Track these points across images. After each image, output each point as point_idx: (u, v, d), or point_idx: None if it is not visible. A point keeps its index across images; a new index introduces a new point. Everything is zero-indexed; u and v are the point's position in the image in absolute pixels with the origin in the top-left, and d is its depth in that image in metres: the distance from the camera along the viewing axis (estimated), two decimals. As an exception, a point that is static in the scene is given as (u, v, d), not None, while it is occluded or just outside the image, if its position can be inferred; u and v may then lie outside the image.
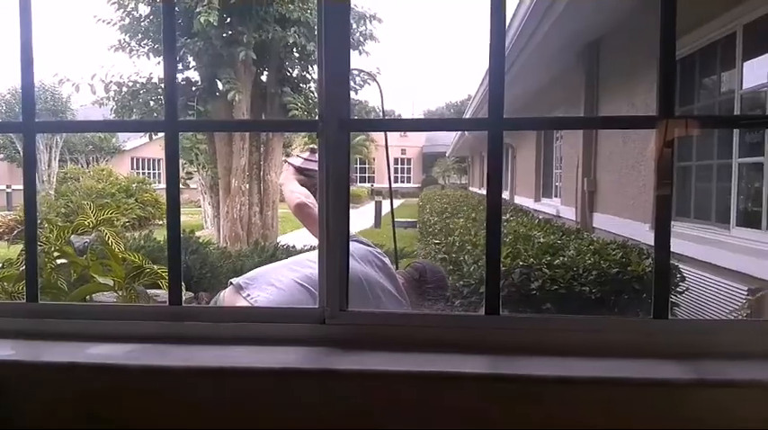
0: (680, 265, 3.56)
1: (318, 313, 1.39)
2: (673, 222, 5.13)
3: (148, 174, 26.60)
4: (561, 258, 3.39)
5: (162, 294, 2.25)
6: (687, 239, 4.56)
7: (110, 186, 16.14)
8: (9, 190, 21.26)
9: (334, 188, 1.39)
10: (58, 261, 2.11)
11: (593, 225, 6.86)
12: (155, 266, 2.13)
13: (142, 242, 4.03)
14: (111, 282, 2.11)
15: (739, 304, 3.47)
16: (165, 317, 1.40)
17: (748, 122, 2.38)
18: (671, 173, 1.39)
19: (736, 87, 4.15)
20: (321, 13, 1.39)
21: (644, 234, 5.28)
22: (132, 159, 27.12)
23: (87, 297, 2.11)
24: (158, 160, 25.66)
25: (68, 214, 14.19)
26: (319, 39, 1.41)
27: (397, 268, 3.72)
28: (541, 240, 3.82)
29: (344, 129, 1.41)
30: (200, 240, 4.12)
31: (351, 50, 1.51)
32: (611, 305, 3.26)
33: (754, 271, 3.57)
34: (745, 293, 3.48)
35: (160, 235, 5.33)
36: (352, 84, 9.47)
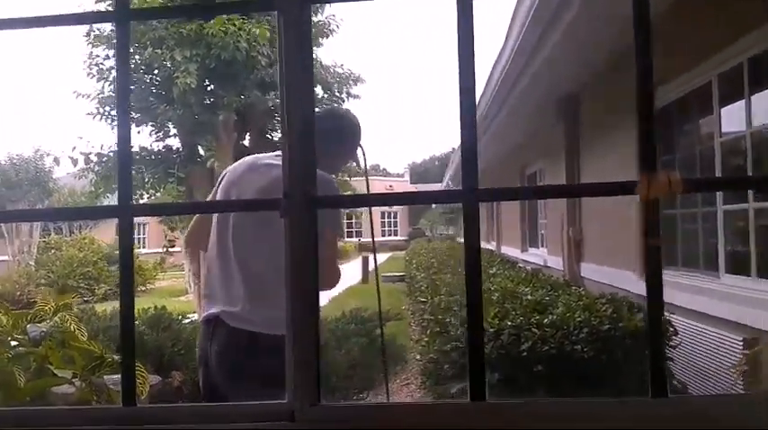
0: (673, 316, 3.47)
1: (286, 409, 1.27)
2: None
3: (134, 239, 26.30)
4: (551, 316, 3.29)
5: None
6: (676, 288, 4.49)
7: (92, 254, 15.90)
8: (-9, 261, 20.93)
9: (297, 272, 1.29)
10: (14, 351, 1.98)
11: (582, 274, 6.78)
12: (116, 357, 2.00)
13: (112, 321, 3.87)
14: (70, 374, 1.98)
15: (736, 357, 3.36)
16: (117, 420, 1.27)
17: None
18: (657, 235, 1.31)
19: (715, 135, 4.17)
20: (283, 84, 1.33)
21: (633, 283, 5.21)
22: (117, 226, 26.84)
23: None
24: (144, 224, 25.50)
25: (49, 284, 13.91)
26: (282, 112, 1.34)
27: (381, 332, 3.60)
28: (529, 297, 3.72)
29: (310, 207, 1.33)
30: (174, 315, 3.96)
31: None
32: (605, 363, 3.14)
33: (746, 319, 3.49)
34: (740, 343, 3.38)
35: (140, 304, 5.17)
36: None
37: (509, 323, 3.19)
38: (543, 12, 4.51)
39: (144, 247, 24.15)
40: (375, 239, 2.65)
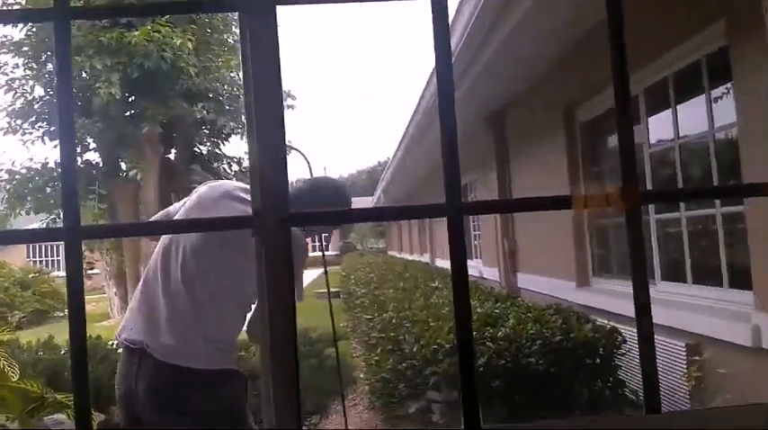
0: (617, 325, 3.52)
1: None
2: (597, 278, 5.20)
3: (47, 262, 24.69)
4: (503, 329, 3.26)
5: (68, 423, 1.88)
6: (614, 296, 4.60)
7: (2, 280, 14.74)
8: None
9: (274, 286, 1.17)
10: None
11: (519, 285, 6.88)
12: (58, 396, 1.78)
13: (41, 353, 3.50)
14: (4, 419, 1.74)
15: (681, 362, 3.46)
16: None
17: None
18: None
19: (644, 146, 4.32)
20: (249, 87, 1.21)
21: (571, 292, 5.32)
22: (29, 247, 25.12)
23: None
24: (57, 246, 23.98)
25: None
26: (249, 120, 1.21)
27: (336, 348, 3.45)
28: (479, 310, 3.69)
29: (284, 225, 1.21)
30: (108, 343, 3.63)
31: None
32: (558, 374, 3.14)
33: (686, 325, 3.59)
34: (683, 349, 3.48)
35: (60, 334, 4.77)
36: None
37: (463, 338, 3.13)
38: (477, 31, 4.57)
39: (60, 270, 22.73)
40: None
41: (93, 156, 7.72)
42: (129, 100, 7.53)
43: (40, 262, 23.64)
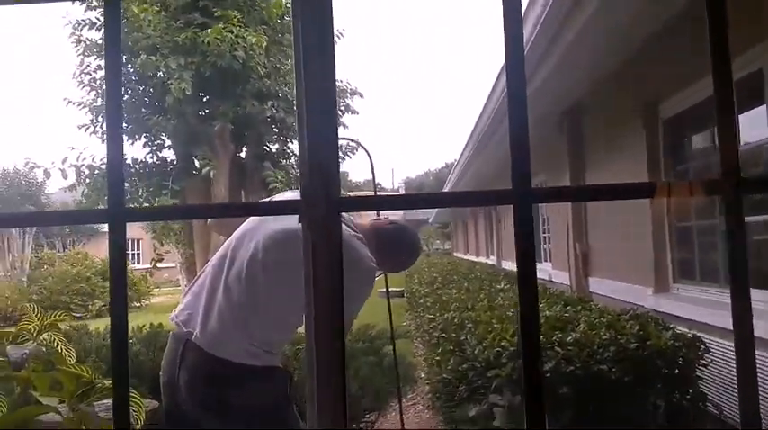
0: (700, 335, 3.26)
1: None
2: (677, 286, 4.87)
3: (128, 255, 25.94)
4: (573, 334, 3.08)
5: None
6: (695, 303, 4.29)
7: (85, 270, 15.61)
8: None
9: (323, 289, 1.09)
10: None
11: (590, 290, 6.58)
12: (106, 382, 1.78)
13: (104, 340, 3.60)
14: (56, 401, 1.75)
15: (771, 376, 3.16)
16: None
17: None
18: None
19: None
20: (299, 55, 1.14)
21: (647, 299, 5.02)
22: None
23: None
24: (139, 240, 25.16)
25: (41, 301, 13.62)
26: (298, 96, 1.14)
27: (393, 346, 3.38)
28: (547, 313, 3.51)
29: (334, 210, 1.13)
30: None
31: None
32: (632, 383, 2.93)
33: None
34: (773, 362, 3.18)
35: (135, 321, 4.92)
36: (332, 155, 9.42)
37: (529, 341, 2.97)
38: (553, 17, 4.36)
39: (138, 263, 23.84)
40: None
41: (168, 154, 7.99)
42: (202, 99, 7.71)
43: (122, 256, 24.81)
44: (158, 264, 8.72)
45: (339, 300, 1.09)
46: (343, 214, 2.00)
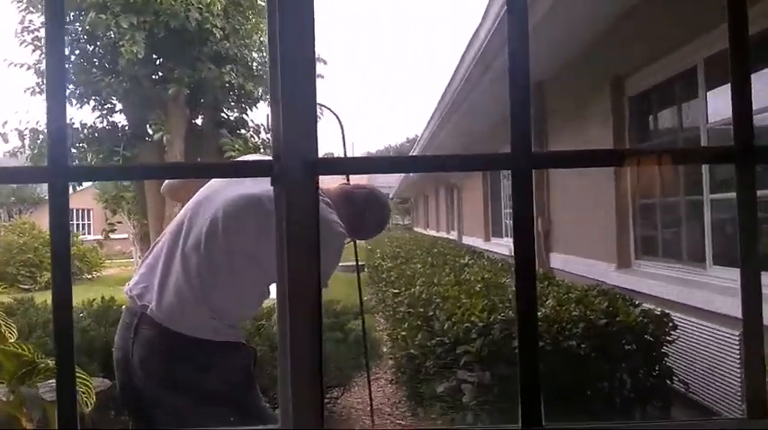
0: (667, 311, 3.26)
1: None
2: (640, 262, 4.90)
3: (77, 226, 25.09)
4: (542, 309, 3.02)
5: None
6: (658, 279, 4.32)
7: (32, 240, 14.98)
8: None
9: (297, 259, 0.95)
10: None
11: (551, 265, 6.61)
12: (50, 362, 1.61)
13: (51, 314, 3.37)
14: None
15: (733, 352, 3.18)
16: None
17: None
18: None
19: (701, 121, 3.99)
20: (274, 22, 0.98)
21: (609, 275, 5.04)
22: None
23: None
24: (89, 210, 24.30)
25: (-14, 272, 13.06)
26: (272, 48, 0.98)
27: (363, 321, 3.27)
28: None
29: (311, 172, 0.98)
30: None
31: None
32: (601, 359, 2.91)
33: (739, 313, 3.32)
34: (737, 339, 3.21)
35: (86, 294, 4.66)
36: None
37: (499, 317, 2.91)
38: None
39: (89, 233, 23.05)
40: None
41: (120, 119, 7.61)
42: (156, 61, 7.34)
43: (71, 225, 23.99)
44: (110, 235, 8.39)
45: (316, 267, 0.96)
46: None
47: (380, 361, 4.45)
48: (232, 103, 7.97)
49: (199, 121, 7.96)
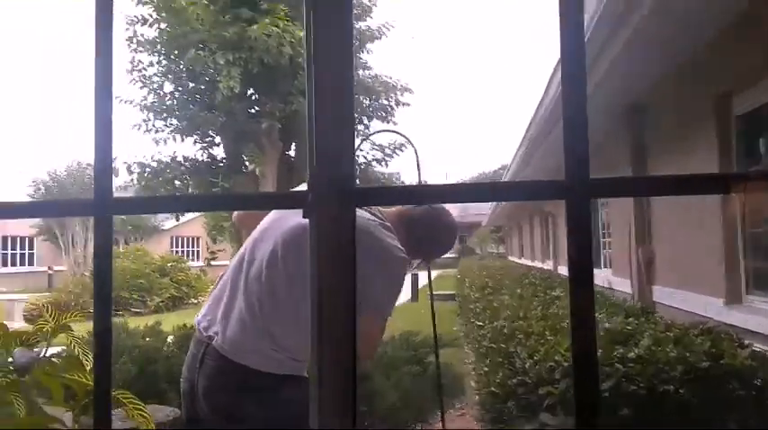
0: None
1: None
2: (752, 297, 4.45)
3: (187, 252, 26.65)
4: (636, 349, 2.78)
5: (130, 422, 1.74)
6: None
7: (144, 266, 16.04)
8: (51, 271, 21.46)
9: (330, 296, 0.89)
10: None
11: (654, 299, 6.15)
12: (114, 392, 1.64)
13: (148, 339, 3.49)
14: (63, 411, 1.62)
15: None
16: None
17: None
18: None
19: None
20: (309, 39, 0.95)
21: (719, 311, 4.60)
22: (172, 238, 27.27)
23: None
24: (198, 238, 25.74)
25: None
26: (308, 65, 0.95)
27: (437, 357, 3.15)
28: (607, 325, 3.21)
29: (347, 203, 0.93)
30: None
31: (376, 120, 1.02)
32: (703, 407, 2.62)
33: None
34: None
35: (179, 320, 4.85)
36: (380, 154, 9.11)
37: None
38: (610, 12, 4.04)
39: (197, 260, 24.37)
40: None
41: (218, 151, 8.02)
42: (251, 97, 7.69)
43: (180, 252, 25.52)
44: (213, 262, 8.77)
45: (350, 307, 0.90)
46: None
47: (464, 396, 4.28)
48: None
49: (291, 153, 8.23)
